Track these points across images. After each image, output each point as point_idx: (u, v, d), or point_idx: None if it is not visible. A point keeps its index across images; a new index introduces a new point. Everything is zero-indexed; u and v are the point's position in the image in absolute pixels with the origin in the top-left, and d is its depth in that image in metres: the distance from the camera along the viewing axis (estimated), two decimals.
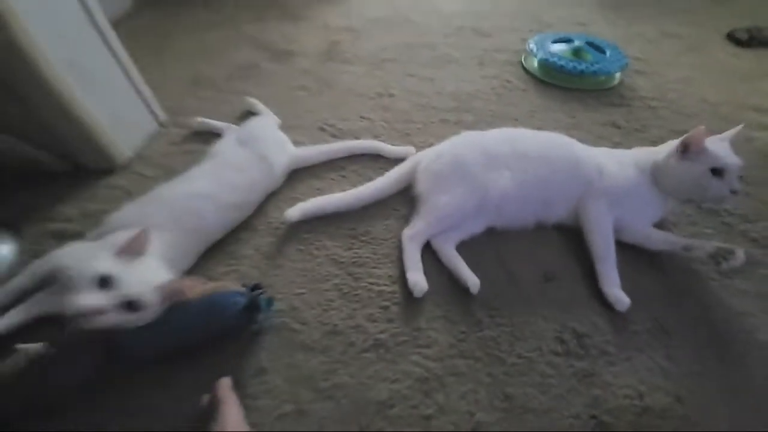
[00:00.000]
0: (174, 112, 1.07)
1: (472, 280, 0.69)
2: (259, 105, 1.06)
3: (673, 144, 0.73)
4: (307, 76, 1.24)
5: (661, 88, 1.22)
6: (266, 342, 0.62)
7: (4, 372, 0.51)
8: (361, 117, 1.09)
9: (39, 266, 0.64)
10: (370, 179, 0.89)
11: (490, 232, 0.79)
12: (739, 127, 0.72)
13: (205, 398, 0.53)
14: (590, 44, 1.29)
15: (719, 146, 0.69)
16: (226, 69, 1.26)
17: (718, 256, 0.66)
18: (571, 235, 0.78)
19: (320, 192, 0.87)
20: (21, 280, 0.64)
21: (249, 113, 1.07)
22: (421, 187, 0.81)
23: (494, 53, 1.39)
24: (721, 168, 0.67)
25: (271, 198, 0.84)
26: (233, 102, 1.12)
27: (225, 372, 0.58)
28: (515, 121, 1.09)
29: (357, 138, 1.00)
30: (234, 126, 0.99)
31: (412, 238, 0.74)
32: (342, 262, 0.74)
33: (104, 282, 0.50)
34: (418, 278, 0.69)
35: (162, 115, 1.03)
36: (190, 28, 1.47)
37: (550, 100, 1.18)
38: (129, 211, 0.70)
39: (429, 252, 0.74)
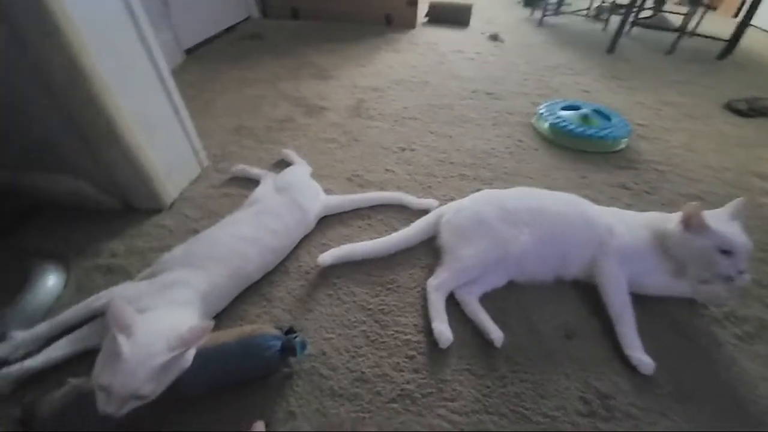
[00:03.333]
0: (217, 159, 1.16)
1: (496, 333, 0.70)
2: (293, 155, 1.15)
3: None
4: (337, 130, 1.35)
5: (665, 153, 1.29)
6: (296, 386, 0.64)
7: (52, 405, 0.53)
8: (386, 169, 1.16)
9: (92, 302, 0.68)
10: (394, 229, 0.95)
11: (513, 286, 0.81)
12: (740, 200, 0.75)
13: None
14: (597, 111, 1.39)
15: (726, 225, 0.72)
16: (265, 121, 1.37)
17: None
18: (592, 291, 0.80)
19: (348, 238, 0.91)
20: (72, 314, 0.67)
21: (284, 162, 1.16)
22: (444, 238, 0.85)
23: (507, 115, 1.50)
24: (729, 249, 0.70)
25: (303, 243, 0.89)
26: (271, 151, 1.21)
27: (255, 413, 0.59)
28: (529, 179, 1.16)
29: (382, 189, 1.06)
30: (271, 173, 1.06)
31: (437, 288, 0.77)
32: (369, 309, 0.76)
33: (107, 388, 0.48)
34: (443, 329, 0.70)
35: (206, 161, 1.12)
36: (233, 83, 1.63)
37: (561, 160, 1.25)
38: (176, 252, 0.74)
39: (452, 304, 0.77)
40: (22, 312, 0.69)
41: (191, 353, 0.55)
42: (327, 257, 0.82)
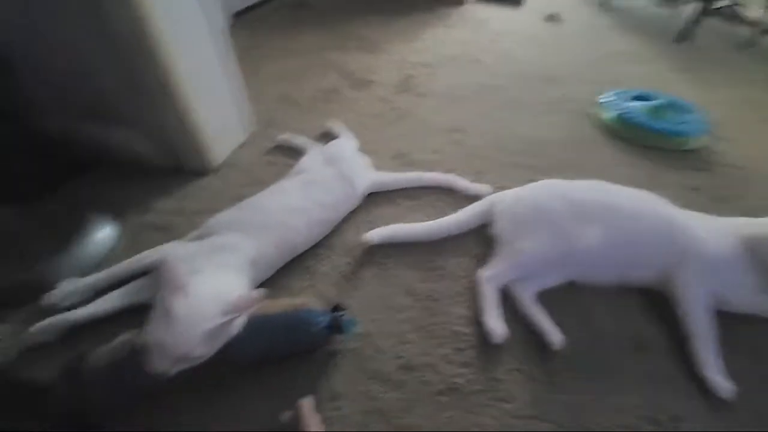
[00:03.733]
0: (262, 126, 1.12)
1: (555, 335, 0.64)
2: (339, 128, 1.10)
3: None
4: (384, 105, 1.28)
5: (749, 155, 1.15)
6: (341, 365, 0.61)
7: (103, 356, 0.52)
8: (434, 150, 1.10)
9: (145, 257, 0.67)
10: (443, 212, 0.89)
11: (572, 287, 0.74)
12: None
13: (287, 415, 0.52)
14: (671, 104, 1.25)
15: None
16: (310, 91, 1.32)
17: None
18: (662, 301, 0.72)
19: (395, 218, 0.86)
20: (124, 268, 0.67)
21: (329, 134, 1.11)
22: (500, 228, 0.79)
23: (565, 102, 1.38)
24: None
25: (348, 218, 0.85)
26: (315, 121, 1.16)
27: (300, 389, 0.57)
28: (590, 173, 1.05)
29: (430, 170, 1.00)
30: (316, 144, 1.02)
31: (490, 279, 0.71)
32: (417, 295, 0.72)
33: (159, 348, 0.47)
34: (496, 324, 0.65)
35: (252, 127, 1.08)
36: (279, 51, 1.58)
37: (625, 155, 1.14)
38: (225, 216, 0.72)
39: (504, 298, 0.71)
40: (75, 261, 0.69)
41: (240, 320, 0.53)
42: (374, 236, 0.77)
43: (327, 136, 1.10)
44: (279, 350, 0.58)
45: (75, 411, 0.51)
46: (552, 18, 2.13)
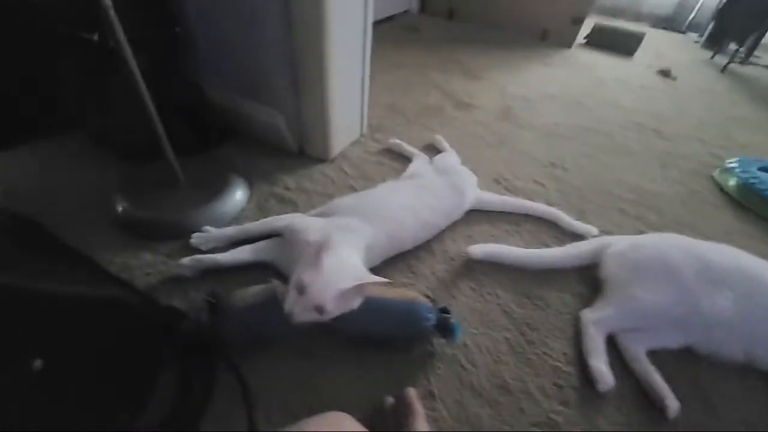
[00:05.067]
0: (373, 129, 1.19)
1: (672, 401, 0.58)
2: (444, 143, 1.12)
3: None
4: (485, 129, 1.29)
5: None
6: (437, 367, 0.60)
7: (245, 298, 0.56)
8: (535, 180, 1.07)
9: (273, 221, 0.73)
10: (544, 243, 0.86)
11: (690, 354, 0.66)
12: None
13: (389, 400, 0.52)
14: None
15: None
16: (416, 105, 1.38)
17: None
18: None
19: (493, 238, 0.85)
20: (256, 226, 0.73)
21: (433, 146, 1.14)
22: (612, 272, 0.73)
23: (678, 159, 1.28)
24: None
25: (448, 229, 0.85)
26: (420, 133, 1.20)
27: (399, 380, 0.57)
28: (703, 236, 0.95)
29: (531, 199, 0.97)
30: (423, 154, 1.05)
31: (598, 323, 0.66)
32: (514, 318, 0.69)
33: (301, 289, 0.50)
34: (603, 369, 0.60)
35: (365, 128, 1.15)
36: (390, 65, 1.67)
37: (750, 226, 1.01)
38: (348, 201, 0.76)
39: (609, 347, 0.65)
40: (215, 212, 0.78)
41: (359, 299, 0.55)
42: (477, 251, 0.76)
43: (431, 148, 1.13)
44: (384, 334, 0.59)
45: (208, 341, 0.55)
46: (665, 73, 2.01)
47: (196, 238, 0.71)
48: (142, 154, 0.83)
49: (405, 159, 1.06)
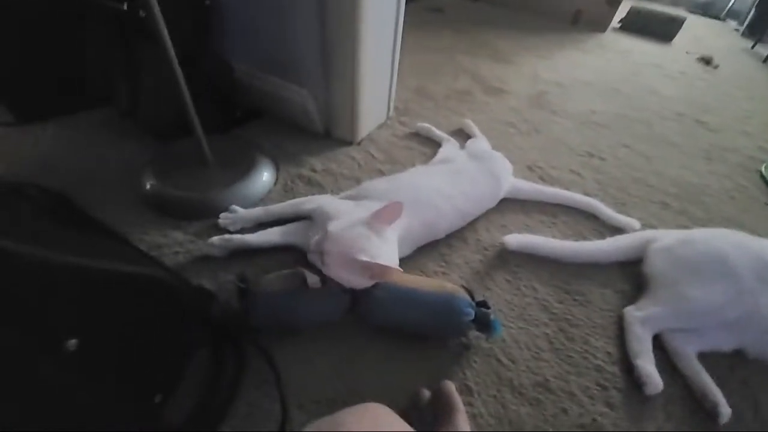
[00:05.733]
0: (399, 112, 1.13)
1: (724, 407, 0.53)
2: (474, 128, 1.06)
3: None
4: (517, 116, 1.22)
5: None
6: (473, 362, 0.57)
7: (274, 284, 0.54)
8: (571, 170, 1.00)
9: (301, 203, 0.70)
10: (582, 236, 0.80)
11: (741, 358, 0.61)
12: None
13: (426, 393, 0.49)
14: None
15: None
16: (444, 89, 1.31)
17: None
18: None
19: (528, 229, 0.80)
20: (284, 208, 0.70)
21: (462, 131, 1.08)
22: (659, 268, 0.68)
23: (724, 152, 1.18)
24: None
25: (481, 218, 0.81)
26: (449, 118, 1.15)
27: (434, 374, 0.54)
28: (758, 236, 0.88)
29: (568, 189, 0.91)
30: (452, 139, 1.00)
31: (645, 322, 0.62)
32: (553, 314, 0.65)
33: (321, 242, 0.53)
34: (652, 371, 0.56)
35: (391, 111, 1.10)
36: (416, 48, 1.59)
37: None
38: (379, 184, 0.72)
39: (655, 346, 0.61)
40: (242, 193, 0.75)
41: (374, 280, 0.52)
42: (513, 241, 0.72)
43: (460, 133, 1.07)
44: (419, 327, 0.55)
45: (237, 325, 0.53)
46: (706, 61, 1.87)
47: (223, 218, 0.69)
48: (170, 131, 0.80)
49: (433, 144, 1.01)
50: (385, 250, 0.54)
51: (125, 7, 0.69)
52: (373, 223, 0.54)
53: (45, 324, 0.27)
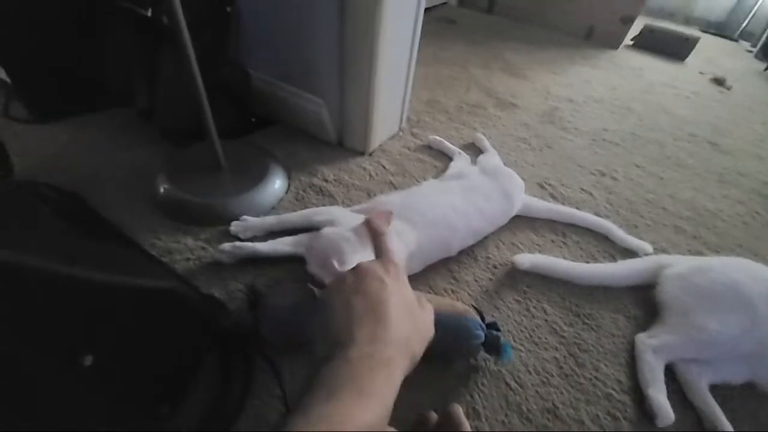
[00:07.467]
0: (411, 124, 1.13)
1: None
2: (486, 142, 1.06)
3: None
4: (528, 131, 1.21)
5: None
6: (481, 383, 0.56)
7: (283, 298, 0.53)
8: (582, 189, 0.99)
9: (313, 214, 0.69)
10: (593, 257, 0.79)
11: (752, 390, 0.60)
12: None
13: (434, 416, 0.48)
14: None
15: None
16: (456, 101, 1.31)
17: None
18: None
19: (538, 248, 0.79)
20: (296, 218, 0.70)
21: (474, 145, 1.08)
22: (672, 296, 0.67)
23: (738, 176, 1.17)
24: None
25: (494, 234, 0.80)
26: (461, 130, 1.14)
27: (441, 395, 0.53)
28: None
29: (578, 208, 0.90)
30: (464, 153, 0.99)
31: (658, 350, 0.60)
32: (563, 337, 0.64)
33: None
34: (664, 402, 0.54)
35: (404, 122, 1.10)
36: (429, 59, 1.60)
37: None
38: (394, 198, 0.72)
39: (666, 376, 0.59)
40: (255, 200, 0.75)
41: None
42: (525, 261, 0.71)
43: (471, 147, 1.07)
44: (435, 347, 0.54)
45: (247, 338, 0.53)
46: (719, 82, 1.86)
47: (235, 226, 0.69)
48: (185, 135, 0.81)
49: (445, 157, 1.01)
50: (360, 259, 0.54)
51: (149, 14, 0.70)
52: (362, 232, 0.54)
53: (63, 341, 0.27)
